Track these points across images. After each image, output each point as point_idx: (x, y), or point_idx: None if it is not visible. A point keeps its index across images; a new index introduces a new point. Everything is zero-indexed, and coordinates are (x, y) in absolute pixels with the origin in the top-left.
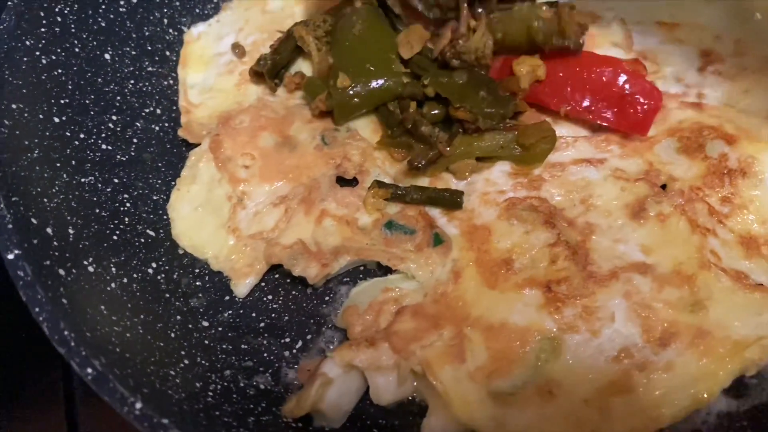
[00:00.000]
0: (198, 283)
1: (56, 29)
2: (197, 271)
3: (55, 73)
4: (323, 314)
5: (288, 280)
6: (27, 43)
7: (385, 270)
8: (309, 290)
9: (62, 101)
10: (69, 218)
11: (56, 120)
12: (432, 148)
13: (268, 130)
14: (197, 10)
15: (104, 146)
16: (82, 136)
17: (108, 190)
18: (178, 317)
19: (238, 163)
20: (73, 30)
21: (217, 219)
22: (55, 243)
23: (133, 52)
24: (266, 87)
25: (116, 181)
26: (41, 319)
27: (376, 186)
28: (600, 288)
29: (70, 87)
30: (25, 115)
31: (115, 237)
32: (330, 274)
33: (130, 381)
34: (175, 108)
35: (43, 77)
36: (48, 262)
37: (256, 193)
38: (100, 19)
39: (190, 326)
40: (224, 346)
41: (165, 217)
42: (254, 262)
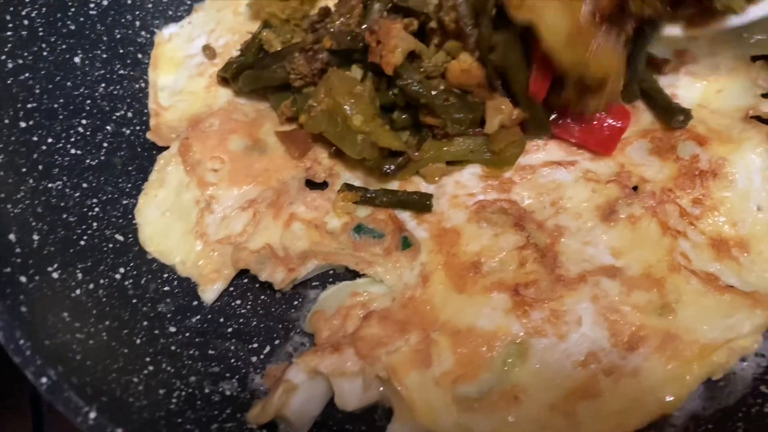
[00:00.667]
0: (166, 288)
1: (23, 33)
2: (166, 275)
3: (22, 77)
4: (292, 319)
5: (257, 285)
6: None
7: (354, 273)
8: (278, 295)
9: (29, 105)
10: (34, 224)
11: (22, 125)
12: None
13: (238, 134)
14: (170, 12)
15: (73, 150)
16: (50, 140)
17: (76, 194)
18: (145, 323)
19: (207, 166)
20: (41, 34)
21: (185, 224)
22: (18, 250)
23: (104, 56)
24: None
25: (85, 185)
26: None
27: (345, 189)
28: (568, 291)
29: (37, 91)
30: None
31: (82, 242)
32: (297, 279)
33: (88, 389)
34: (146, 111)
35: (8, 81)
36: (8, 270)
37: (224, 197)
38: (69, 22)
39: (157, 332)
40: (191, 352)
41: (134, 222)
42: (222, 267)
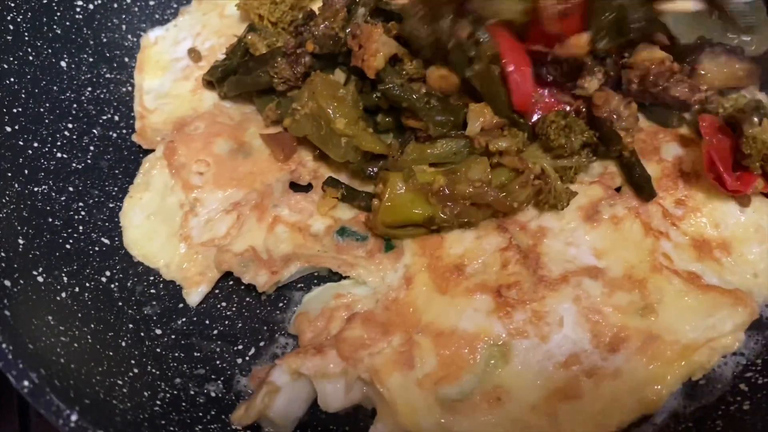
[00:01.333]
0: (152, 291)
1: (8, 37)
2: (152, 278)
3: (7, 81)
4: (277, 321)
5: (242, 287)
6: None
7: (339, 275)
8: (263, 297)
9: (15, 110)
10: (19, 228)
11: (8, 129)
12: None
13: (223, 137)
14: (156, 15)
15: (59, 154)
16: (35, 144)
17: (62, 198)
18: (131, 325)
19: (192, 169)
20: (26, 38)
21: (169, 227)
22: (2, 254)
23: (91, 59)
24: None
25: (71, 189)
26: None
27: (330, 184)
28: (550, 292)
29: (23, 95)
30: None
31: (68, 246)
32: (280, 282)
33: (71, 392)
34: (133, 115)
35: None
36: None
37: (208, 199)
38: (55, 26)
39: (142, 334)
40: (176, 354)
41: (121, 225)
42: (206, 270)
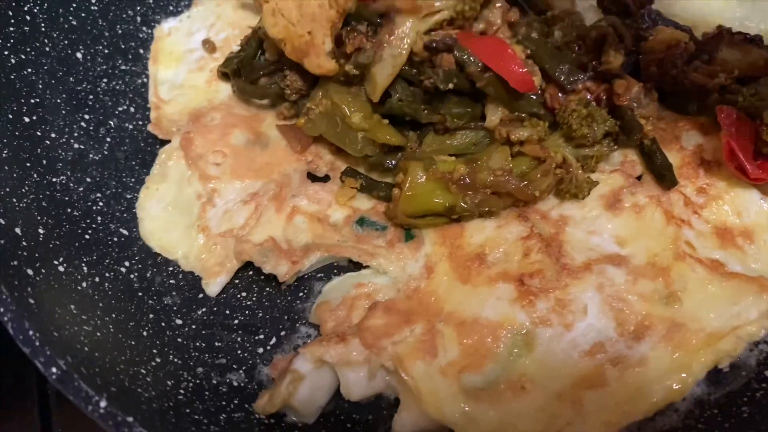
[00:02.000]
0: (172, 281)
1: (26, 28)
2: (171, 269)
3: (25, 72)
4: (297, 310)
5: (262, 277)
6: None
7: (359, 265)
8: (283, 287)
9: (32, 101)
10: (39, 218)
11: (26, 120)
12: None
13: (240, 128)
14: (171, 6)
15: (76, 145)
16: (53, 135)
17: (80, 189)
18: (151, 315)
19: (209, 160)
20: (43, 29)
21: (187, 218)
22: (24, 243)
23: (106, 51)
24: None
25: (89, 180)
26: (6, 319)
27: (348, 174)
28: (573, 280)
29: (40, 86)
30: None
31: (87, 236)
32: (300, 272)
33: (97, 380)
34: (148, 106)
35: (12, 77)
36: (15, 262)
37: (226, 190)
38: (71, 17)
39: (163, 324)
40: (197, 344)
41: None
42: (225, 260)
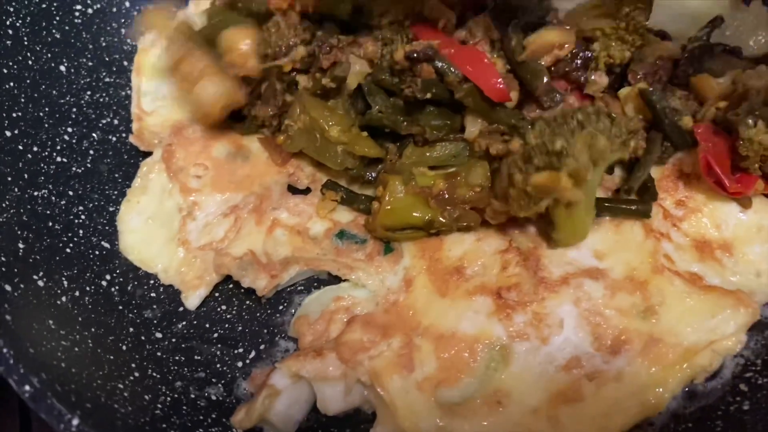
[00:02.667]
0: (152, 294)
1: (7, 42)
2: (152, 282)
3: (7, 86)
4: (277, 324)
5: (241, 290)
6: None
7: (338, 278)
8: (263, 300)
9: (14, 114)
10: (19, 233)
11: (8, 134)
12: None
13: (221, 140)
14: None
15: (59, 158)
16: (35, 149)
17: (62, 202)
18: (131, 329)
19: (191, 173)
20: (25, 42)
21: (167, 231)
22: (3, 258)
23: (90, 63)
24: None
25: (71, 193)
26: None
27: (328, 186)
28: (550, 294)
29: (23, 100)
30: None
31: (68, 250)
32: (279, 285)
33: (72, 397)
34: (132, 118)
35: None
36: None
37: (206, 203)
38: (54, 30)
39: (143, 338)
40: (177, 358)
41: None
42: (204, 273)
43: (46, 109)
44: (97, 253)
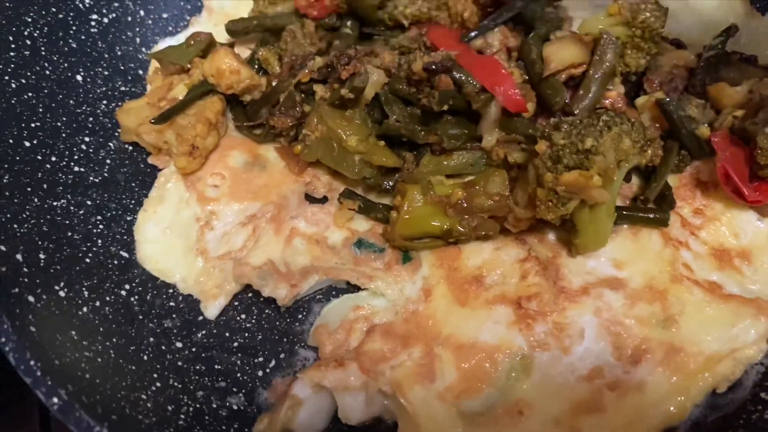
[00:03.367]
0: (172, 304)
1: (26, 53)
2: (171, 291)
3: (26, 96)
4: (296, 332)
5: (261, 299)
6: None
7: (357, 287)
8: (282, 308)
9: (33, 125)
10: (40, 243)
11: (27, 144)
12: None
13: (238, 149)
14: (170, 27)
15: (77, 168)
16: (53, 159)
17: (80, 212)
18: (152, 339)
19: (208, 182)
20: (43, 52)
21: (185, 241)
22: (25, 269)
23: (106, 73)
24: None
25: (89, 203)
26: (7, 349)
27: (346, 195)
28: (571, 304)
29: (41, 110)
30: None
31: (87, 260)
32: (299, 294)
33: (98, 408)
34: None
35: (12, 101)
36: (17, 290)
37: (224, 212)
38: (71, 40)
39: (164, 348)
40: (197, 367)
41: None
42: (223, 283)
43: (64, 119)
44: (116, 262)
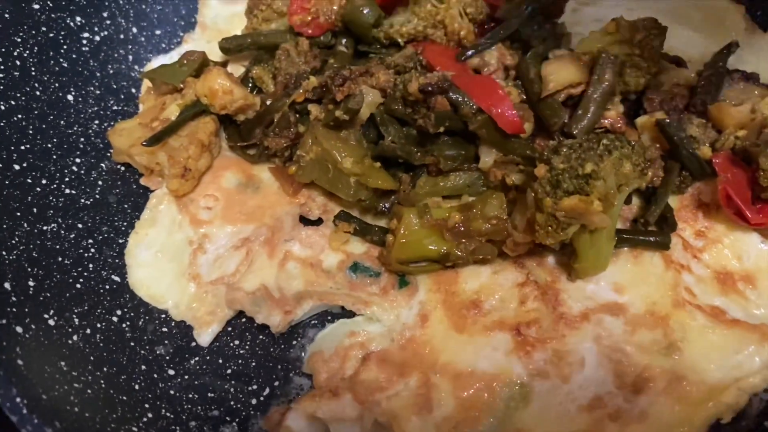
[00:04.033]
0: (164, 329)
1: (15, 73)
2: (163, 316)
3: (15, 118)
4: (291, 359)
5: (254, 325)
6: None
7: (352, 312)
8: (276, 334)
9: (23, 147)
10: (30, 270)
11: (16, 167)
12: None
13: (231, 170)
14: (163, 44)
15: (67, 190)
16: (44, 181)
17: (71, 236)
18: (143, 367)
19: (200, 204)
20: (33, 73)
21: (177, 265)
22: (14, 298)
23: (97, 92)
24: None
25: (80, 226)
26: None
27: (341, 217)
28: (571, 330)
29: (30, 132)
30: None
31: (78, 285)
32: (293, 321)
33: None
34: None
35: (1, 124)
36: (4, 321)
37: (217, 235)
38: (61, 59)
39: (156, 376)
40: (190, 395)
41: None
42: (216, 309)
43: (54, 140)
44: (107, 287)
